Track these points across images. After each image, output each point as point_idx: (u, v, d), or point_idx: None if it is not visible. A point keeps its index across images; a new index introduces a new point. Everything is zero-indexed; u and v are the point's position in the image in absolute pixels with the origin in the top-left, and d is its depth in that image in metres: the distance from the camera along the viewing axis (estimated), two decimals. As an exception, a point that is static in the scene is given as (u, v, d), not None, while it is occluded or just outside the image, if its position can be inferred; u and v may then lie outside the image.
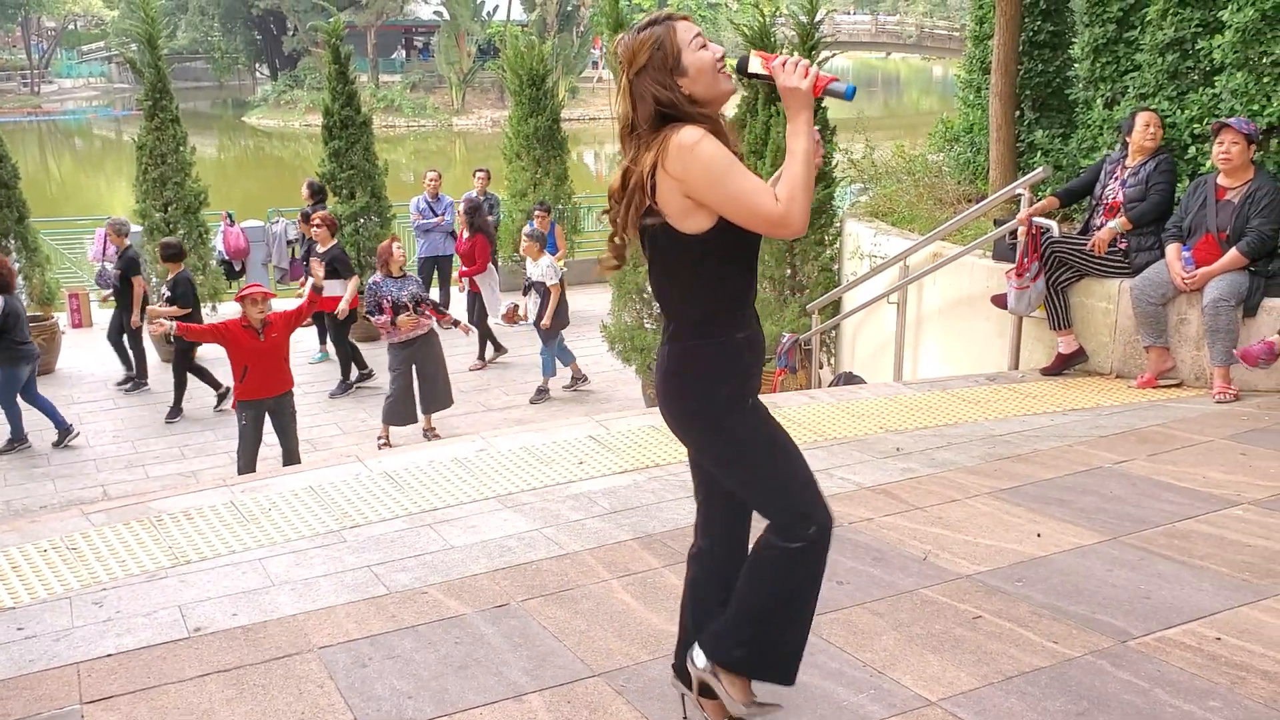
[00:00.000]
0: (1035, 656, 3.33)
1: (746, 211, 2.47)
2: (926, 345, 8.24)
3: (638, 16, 26.89)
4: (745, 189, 2.46)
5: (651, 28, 2.56)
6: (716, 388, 2.62)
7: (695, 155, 2.45)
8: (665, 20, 2.57)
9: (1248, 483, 4.79)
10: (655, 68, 2.53)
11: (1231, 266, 6.10)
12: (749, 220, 2.48)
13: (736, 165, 2.48)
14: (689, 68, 2.54)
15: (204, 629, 3.67)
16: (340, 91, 12.63)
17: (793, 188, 2.47)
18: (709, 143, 2.46)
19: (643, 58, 2.54)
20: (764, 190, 2.46)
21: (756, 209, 2.46)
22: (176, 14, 57.33)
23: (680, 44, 2.54)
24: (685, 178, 2.47)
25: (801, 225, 2.47)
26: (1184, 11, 7.05)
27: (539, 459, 5.40)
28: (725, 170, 2.45)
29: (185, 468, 8.54)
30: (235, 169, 42.55)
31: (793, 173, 2.49)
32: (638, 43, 2.55)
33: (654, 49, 2.53)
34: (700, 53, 2.55)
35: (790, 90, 2.52)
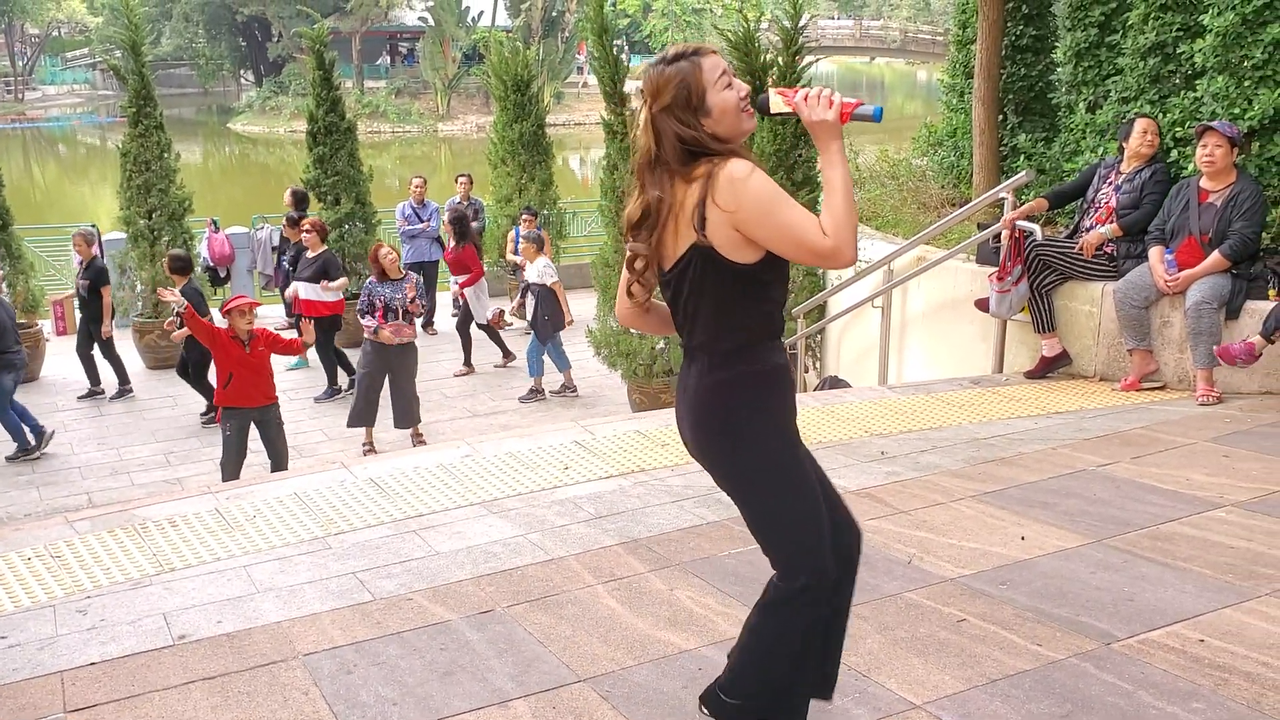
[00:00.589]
0: (1020, 659, 3.34)
1: (795, 244, 2.47)
2: (911, 349, 8.26)
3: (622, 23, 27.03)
4: (795, 222, 2.45)
5: (678, 63, 2.52)
6: (763, 417, 2.61)
7: (747, 189, 2.44)
8: (692, 55, 2.53)
9: (1230, 485, 4.82)
10: (679, 106, 2.51)
11: (1214, 269, 6.13)
12: (797, 253, 2.48)
13: (786, 198, 2.47)
14: (713, 108, 2.51)
15: (188, 636, 3.66)
16: (325, 98, 12.61)
17: (838, 219, 2.45)
18: (759, 176, 2.46)
19: (666, 96, 2.51)
20: (813, 223, 2.45)
21: (806, 242, 2.45)
22: (161, 20, 57.21)
23: (705, 83, 2.51)
24: (737, 210, 2.45)
25: (852, 256, 2.47)
26: (1165, 16, 7.09)
27: (524, 464, 5.40)
28: (775, 203, 2.45)
29: (170, 475, 8.51)
30: (220, 175, 42.46)
31: (835, 204, 2.47)
32: (663, 80, 2.52)
33: (678, 88, 2.50)
34: (725, 93, 2.52)
35: (818, 124, 2.51)
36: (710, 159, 2.50)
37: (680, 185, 2.53)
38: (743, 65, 9.58)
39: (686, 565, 4.11)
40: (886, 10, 68.36)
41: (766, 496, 2.66)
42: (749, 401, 2.60)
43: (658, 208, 2.55)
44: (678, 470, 5.24)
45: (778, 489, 2.64)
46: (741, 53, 9.55)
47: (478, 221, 13.67)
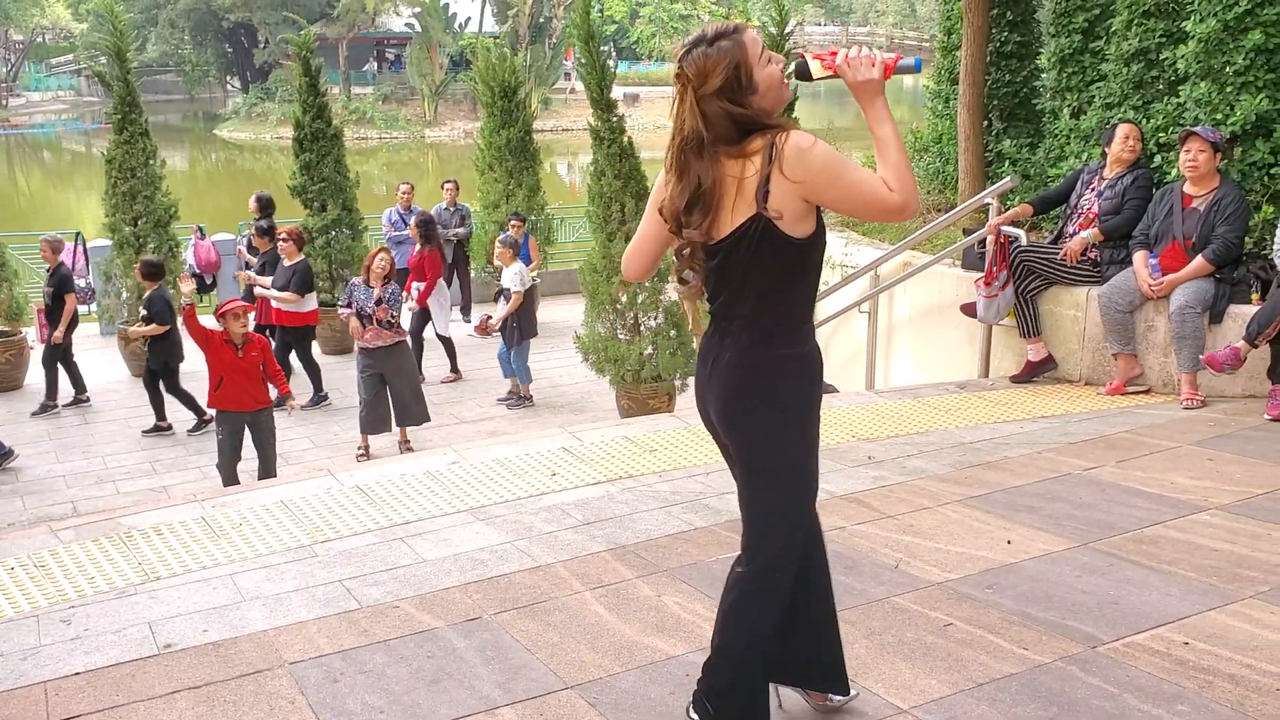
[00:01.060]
0: (1006, 663, 3.35)
1: (865, 202, 2.53)
2: (898, 354, 8.29)
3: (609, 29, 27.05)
4: (863, 180, 2.52)
5: (720, 43, 2.53)
6: (800, 397, 2.69)
7: (815, 156, 2.49)
8: (734, 33, 2.55)
9: (1215, 488, 4.84)
10: (730, 89, 2.53)
11: (1198, 274, 6.17)
12: (868, 210, 2.55)
13: (849, 161, 2.55)
14: (759, 84, 2.55)
15: (174, 646, 3.65)
16: (311, 104, 12.58)
17: (899, 172, 2.52)
18: (822, 144, 2.52)
19: (717, 79, 2.52)
20: (878, 181, 2.52)
21: (875, 199, 2.52)
22: (146, 27, 57.06)
23: (752, 61, 2.54)
24: (807, 179, 2.50)
25: (917, 205, 2.56)
26: (1148, 22, 7.14)
27: (511, 471, 5.40)
28: (842, 166, 2.52)
29: (156, 483, 8.47)
30: (206, 182, 42.35)
31: (891, 159, 2.54)
32: (711, 63, 2.52)
33: (729, 69, 2.52)
34: (769, 68, 2.57)
35: (863, 84, 2.57)
36: (763, 132, 2.53)
37: (732, 162, 2.55)
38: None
39: (674, 571, 4.11)
40: (873, 16, 68.59)
41: (776, 479, 2.73)
42: (792, 386, 2.67)
43: (711, 189, 2.57)
44: (665, 476, 5.24)
45: (789, 476, 2.73)
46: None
47: (464, 227, 13.67)
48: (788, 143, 2.49)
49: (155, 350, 9.55)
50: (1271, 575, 3.92)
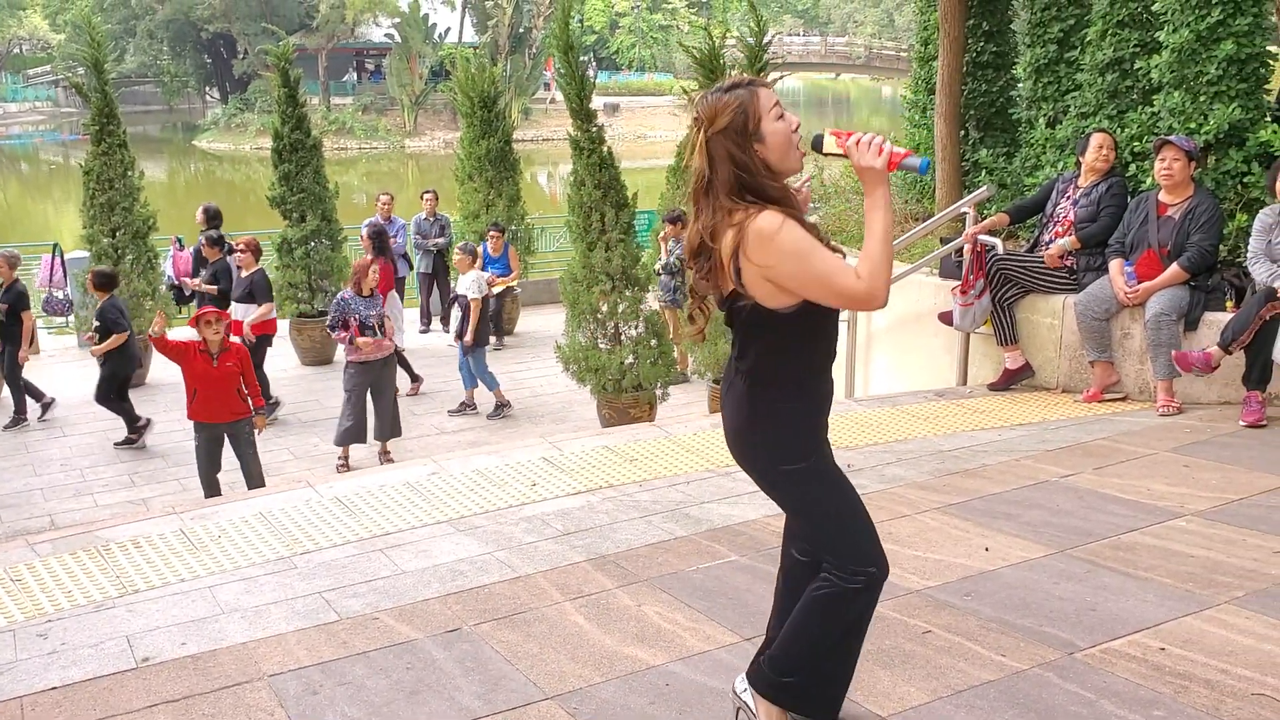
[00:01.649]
0: (984, 670, 3.37)
1: (830, 292, 2.57)
2: (877, 362, 8.32)
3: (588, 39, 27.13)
4: (827, 270, 2.54)
5: (735, 90, 2.60)
6: (797, 438, 2.74)
7: (777, 244, 2.53)
8: (749, 85, 2.62)
9: (1190, 494, 4.88)
10: (735, 131, 2.58)
11: (1173, 281, 6.22)
12: (832, 299, 2.59)
13: (816, 247, 2.56)
14: (766, 135, 2.59)
15: (152, 659, 3.63)
16: (290, 115, 12.56)
17: (874, 263, 2.53)
18: (788, 229, 2.53)
19: (723, 120, 2.59)
20: (845, 269, 2.54)
21: (839, 289, 2.55)
22: (124, 38, 56.86)
23: (761, 110, 2.59)
24: (766, 264, 2.54)
25: (884, 299, 2.56)
26: (1123, 33, 7.20)
27: (491, 481, 5.39)
28: (807, 254, 2.54)
29: (135, 495, 8.43)
30: (185, 193, 42.15)
31: (872, 249, 2.56)
32: (721, 104, 2.60)
33: (736, 112, 2.58)
34: (778, 123, 2.60)
35: (865, 169, 2.59)
36: (747, 208, 2.57)
37: (722, 227, 2.60)
38: (708, 82, 9.63)
39: (654, 581, 4.12)
40: (851, 27, 68.93)
41: (813, 507, 2.81)
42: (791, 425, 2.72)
43: (711, 236, 2.62)
44: (646, 486, 5.25)
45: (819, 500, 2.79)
46: (707, 70, 9.60)
47: (444, 237, 13.66)
48: (752, 225, 2.54)
49: (106, 358, 9.46)
50: (1247, 581, 3.95)
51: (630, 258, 8.87)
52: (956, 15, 8.39)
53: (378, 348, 8.62)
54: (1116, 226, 6.60)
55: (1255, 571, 4.03)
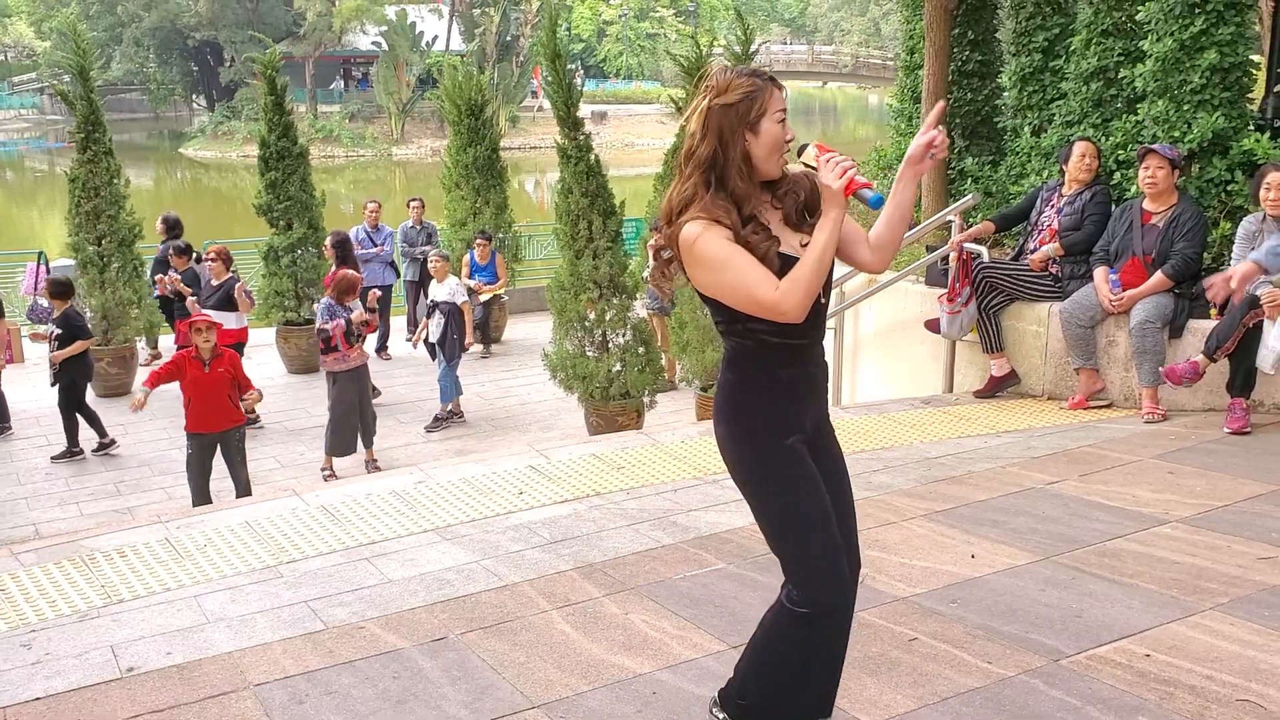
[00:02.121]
0: (970, 677, 3.38)
1: (744, 299, 2.60)
2: (864, 369, 8.34)
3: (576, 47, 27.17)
4: (741, 282, 2.58)
5: (755, 78, 2.64)
6: (753, 428, 2.74)
7: (693, 253, 2.61)
8: (768, 80, 2.65)
9: (1176, 501, 4.90)
10: (737, 111, 2.61)
11: (1157, 289, 6.25)
12: (747, 307, 2.61)
13: (737, 258, 2.58)
14: (762, 131, 2.62)
15: (137, 669, 3.61)
16: (277, 123, 12.54)
17: (796, 277, 2.57)
18: (705, 240, 2.58)
19: (732, 97, 2.61)
20: (761, 281, 2.56)
21: (752, 297, 2.58)
22: (110, 45, 56.67)
23: (767, 106, 2.62)
24: (691, 269, 2.65)
25: (797, 312, 2.57)
26: (1107, 42, 7.25)
27: (478, 490, 5.39)
28: (720, 266, 2.59)
29: (121, 504, 8.39)
30: (172, 201, 42.00)
31: (803, 265, 2.58)
32: (736, 83, 2.63)
33: (745, 95, 2.61)
34: (777, 126, 2.64)
35: (824, 186, 2.61)
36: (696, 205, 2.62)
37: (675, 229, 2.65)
38: (695, 91, 9.64)
39: (642, 589, 4.12)
40: (838, 36, 69.15)
41: (767, 510, 2.77)
42: (748, 409, 2.73)
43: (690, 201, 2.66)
44: (633, 494, 5.25)
45: (774, 502, 2.74)
46: (694, 78, 9.62)
47: (431, 245, 13.64)
48: (680, 231, 2.63)
49: (65, 368, 9.40)
50: (1231, 587, 3.97)
51: (618, 265, 8.87)
52: (942, 24, 8.43)
53: (360, 355, 8.61)
54: (1100, 234, 6.63)
55: (1240, 578, 4.05)
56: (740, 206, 2.63)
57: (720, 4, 67.80)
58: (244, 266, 14.59)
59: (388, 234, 13.33)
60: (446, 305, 10.00)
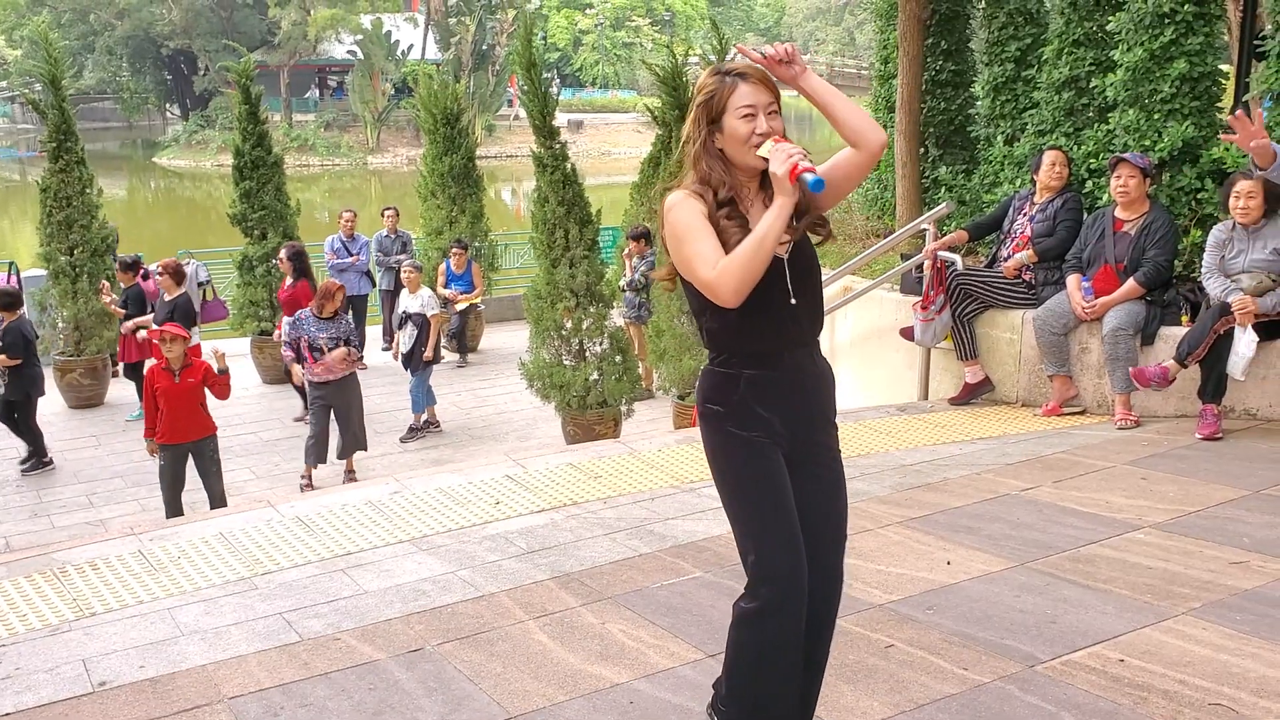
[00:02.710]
0: (946, 684, 3.39)
1: (689, 274, 2.69)
2: (840, 377, 8.31)
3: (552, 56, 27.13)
4: (694, 254, 2.65)
5: (716, 76, 2.75)
6: (716, 413, 2.79)
7: (667, 219, 2.71)
8: (734, 76, 2.72)
9: (1149, 506, 4.93)
10: (704, 110, 2.74)
11: (1129, 296, 6.30)
12: (693, 280, 2.69)
13: (698, 232, 2.65)
14: (725, 127, 2.72)
15: (109, 683, 3.58)
16: (251, 132, 12.49)
17: (732, 260, 2.60)
18: (679, 207, 2.69)
19: (700, 96, 2.76)
20: (707, 259, 2.62)
21: (695, 273, 2.66)
22: (83, 53, 56.30)
23: (728, 104, 2.70)
24: (666, 237, 2.74)
25: (729, 295, 2.60)
26: (1078, 51, 7.31)
27: (455, 500, 5.37)
28: (682, 237, 2.67)
29: (93, 516, 8.32)
30: (145, 210, 41.82)
31: (743, 247, 2.60)
32: (704, 82, 2.77)
33: (708, 95, 2.73)
34: (739, 122, 2.69)
35: (772, 174, 2.63)
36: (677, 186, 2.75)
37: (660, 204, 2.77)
38: (671, 99, 9.67)
39: (619, 598, 4.11)
40: (813, 45, 69.47)
41: (726, 498, 2.83)
42: (711, 398, 2.80)
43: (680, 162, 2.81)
44: (610, 503, 5.24)
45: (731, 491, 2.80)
46: (670, 87, 9.64)
47: (406, 254, 13.60)
48: (666, 196, 2.75)
49: (15, 382, 9.29)
50: (1204, 592, 4.00)
51: (594, 274, 8.88)
52: (915, 34, 8.49)
53: (326, 370, 8.56)
54: (1073, 241, 6.68)
55: (1212, 583, 4.08)
56: (716, 191, 2.70)
57: (696, 13, 68.06)
58: (218, 276, 14.53)
59: (363, 243, 13.30)
60: (419, 317, 9.97)
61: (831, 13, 68.33)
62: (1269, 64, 6.51)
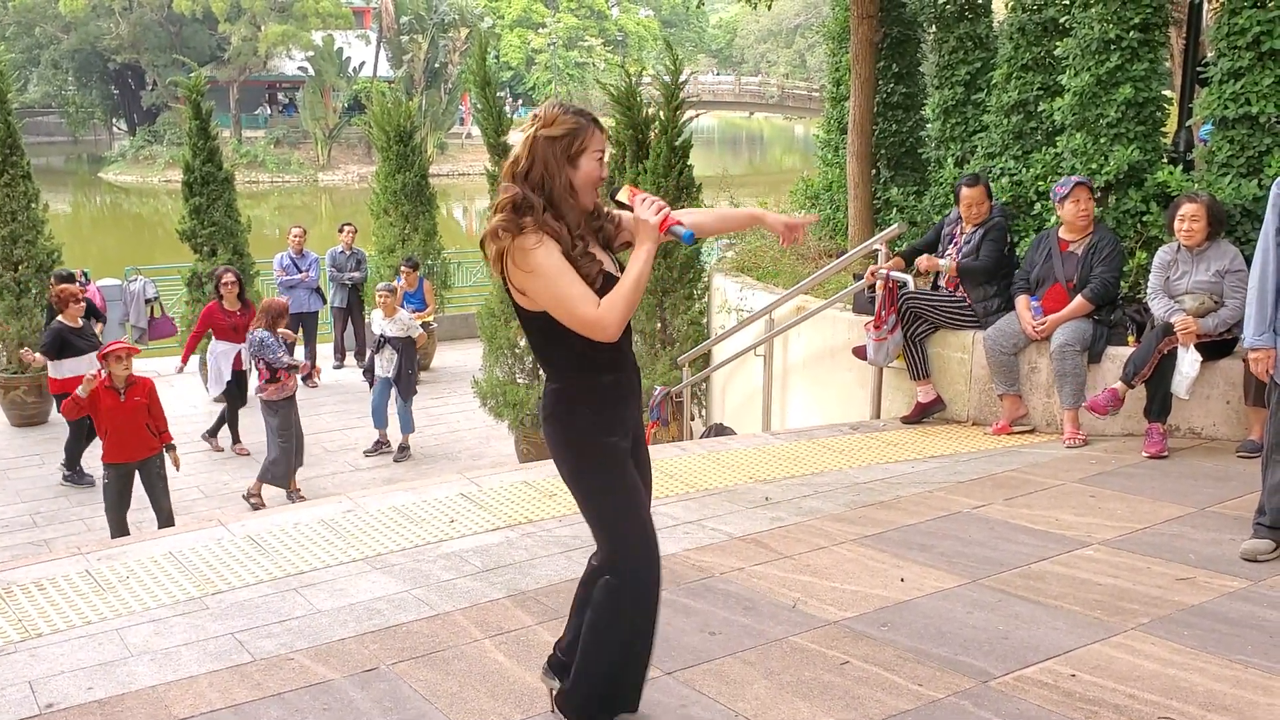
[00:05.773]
0: (901, 699, 3.41)
1: (566, 314, 2.85)
2: (793, 396, 8.42)
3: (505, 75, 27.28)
4: (569, 294, 2.83)
5: (579, 116, 2.92)
6: (573, 423, 3.00)
7: (529, 260, 2.83)
8: (592, 120, 2.93)
9: (1097, 524, 5.01)
10: (561, 144, 2.89)
11: (1078, 313, 6.39)
12: (569, 321, 2.85)
13: (568, 274, 2.83)
14: (580, 166, 2.91)
15: (56, 705, 3.52)
16: (201, 148, 12.39)
17: (615, 299, 2.84)
18: (543, 250, 2.83)
19: (556, 130, 2.90)
20: (585, 298, 2.83)
21: (574, 313, 2.84)
22: (28, 67, 55.44)
23: (587, 144, 2.91)
24: (522, 276, 2.86)
25: (615, 331, 2.84)
26: (1026, 76, 7.44)
27: (409, 518, 5.33)
28: (553, 278, 2.83)
29: (37, 536, 8.18)
30: (91, 226, 41.20)
31: (621, 287, 2.85)
32: (562, 118, 2.91)
33: (568, 131, 2.89)
34: (593, 164, 2.93)
35: (641, 222, 2.90)
36: (530, 219, 2.84)
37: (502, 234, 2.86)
38: (625, 119, 9.71)
39: (574, 616, 4.10)
40: (765, 67, 70.03)
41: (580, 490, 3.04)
42: (567, 409, 3.02)
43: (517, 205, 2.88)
44: (565, 521, 5.23)
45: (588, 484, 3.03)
46: (624, 106, 9.69)
47: (360, 271, 13.53)
48: (518, 239, 2.84)
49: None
50: (1152, 607, 4.07)
51: (548, 293, 8.86)
52: (867, 57, 8.60)
53: (279, 389, 8.51)
54: (999, 258, 6.73)
55: (1160, 598, 4.15)
56: (570, 228, 2.89)
57: (648, 34, 68.39)
58: (167, 293, 14.37)
59: (313, 260, 13.20)
60: (398, 341, 9.88)
61: (783, 35, 68.87)
62: (1211, 90, 6.66)
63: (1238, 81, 6.45)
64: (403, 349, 9.87)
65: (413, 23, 53.69)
